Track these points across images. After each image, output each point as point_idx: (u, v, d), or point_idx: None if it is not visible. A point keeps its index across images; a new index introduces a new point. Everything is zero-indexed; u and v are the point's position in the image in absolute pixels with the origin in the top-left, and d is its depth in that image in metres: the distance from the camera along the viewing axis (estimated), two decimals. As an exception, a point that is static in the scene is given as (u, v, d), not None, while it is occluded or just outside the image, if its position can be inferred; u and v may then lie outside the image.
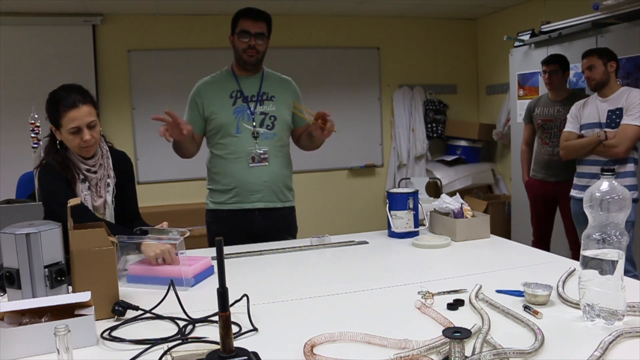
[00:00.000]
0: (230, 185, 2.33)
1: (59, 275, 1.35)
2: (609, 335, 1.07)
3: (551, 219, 3.69)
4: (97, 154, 1.90)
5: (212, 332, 1.24)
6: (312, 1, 4.72)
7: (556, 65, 3.47)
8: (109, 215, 1.91)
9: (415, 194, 2.19)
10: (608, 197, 1.17)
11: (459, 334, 0.98)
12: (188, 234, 1.70)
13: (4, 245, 1.31)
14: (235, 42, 2.33)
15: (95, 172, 1.88)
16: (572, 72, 3.70)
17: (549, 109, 3.56)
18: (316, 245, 2.08)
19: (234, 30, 2.33)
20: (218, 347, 0.97)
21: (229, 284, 0.98)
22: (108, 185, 1.91)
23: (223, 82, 2.38)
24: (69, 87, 1.83)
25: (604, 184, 1.19)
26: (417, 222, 2.19)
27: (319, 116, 2.25)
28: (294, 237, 2.42)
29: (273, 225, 2.37)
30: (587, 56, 3.07)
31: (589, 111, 3.08)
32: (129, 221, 1.98)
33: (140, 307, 1.36)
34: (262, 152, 2.30)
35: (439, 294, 1.41)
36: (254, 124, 2.32)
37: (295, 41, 5.09)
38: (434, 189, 5.31)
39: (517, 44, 4.46)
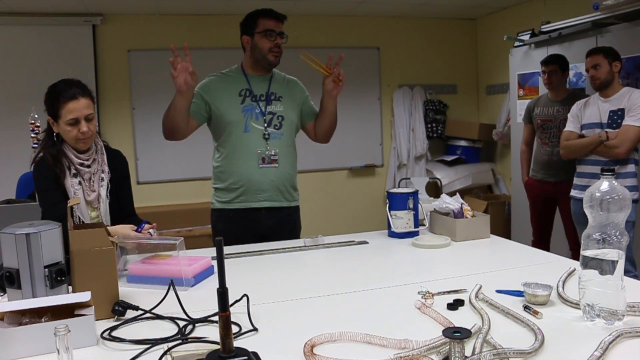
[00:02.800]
0: (238, 184, 2.33)
1: (59, 275, 1.35)
2: (609, 335, 1.07)
3: (551, 219, 3.69)
4: (92, 149, 1.93)
5: (212, 332, 1.24)
6: (312, 1, 4.73)
7: (555, 66, 3.47)
8: (104, 210, 1.92)
9: (415, 194, 2.19)
10: (608, 197, 1.17)
11: (459, 334, 0.98)
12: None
13: (4, 245, 1.31)
14: (257, 42, 2.30)
15: (88, 167, 1.91)
16: (571, 72, 3.70)
17: (549, 109, 3.56)
18: (316, 246, 2.08)
19: (253, 30, 2.30)
20: (218, 347, 0.97)
21: (229, 284, 0.98)
22: (102, 180, 1.93)
23: (233, 79, 2.37)
24: (69, 80, 1.87)
25: (604, 184, 1.19)
26: (417, 222, 2.19)
27: (330, 64, 2.24)
28: (298, 236, 2.43)
29: (279, 224, 2.38)
30: (593, 54, 3.04)
31: (590, 111, 3.07)
32: (125, 217, 2.00)
33: (140, 307, 1.36)
34: (272, 153, 2.31)
35: (439, 294, 1.41)
36: (266, 124, 2.32)
37: (295, 41, 5.07)
38: (434, 189, 5.31)
39: (517, 44, 4.46)
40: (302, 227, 2.51)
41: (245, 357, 0.95)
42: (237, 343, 1.10)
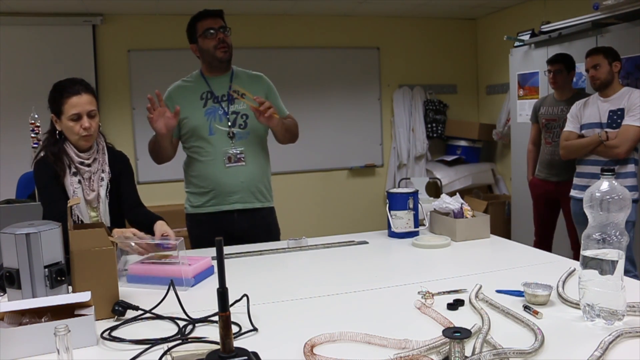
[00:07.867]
0: (208, 188, 2.32)
1: (59, 275, 1.35)
2: (609, 335, 1.07)
3: (553, 218, 3.69)
4: (93, 148, 1.94)
5: (212, 332, 1.24)
6: (312, 1, 4.72)
7: (561, 65, 3.46)
8: (103, 210, 1.93)
9: (415, 194, 2.19)
10: (608, 197, 1.17)
11: (459, 334, 0.98)
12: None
13: (4, 245, 1.31)
14: (202, 45, 2.31)
15: (89, 166, 1.91)
16: (574, 72, 3.70)
17: (554, 108, 3.56)
18: (316, 246, 2.08)
19: (195, 35, 2.33)
20: (218, 347, 0.97)
21: (228, 284, 0.98)
22: (102, 179, 1.93)
23: (193, 84, 2.38)
24: (73, 79, 1.90)
25: (604, 184, 1.19)
26: (417, 222, 2.19)
27: (260, 101, 2.20)
28: (276, 238, 2.39)
29: (253, 226, 2.35)
30: (592, 55, 3.04)
31: (590, 111, 3.07)
32: (131, 209, 2.03)
33: (140, 307, 1.36)
34: (238, 152, 2.29)
35: (439, 294, 1.41)
36: (230, 124, 2.31)
37: (295, 41, 5.09)
38: (434, 189, 5.31)
39: (517, 44, 4.46)
40: (300, 228, 2.49)
41: (245, 357, 0.95)
42: (237, 343, 1.10)
